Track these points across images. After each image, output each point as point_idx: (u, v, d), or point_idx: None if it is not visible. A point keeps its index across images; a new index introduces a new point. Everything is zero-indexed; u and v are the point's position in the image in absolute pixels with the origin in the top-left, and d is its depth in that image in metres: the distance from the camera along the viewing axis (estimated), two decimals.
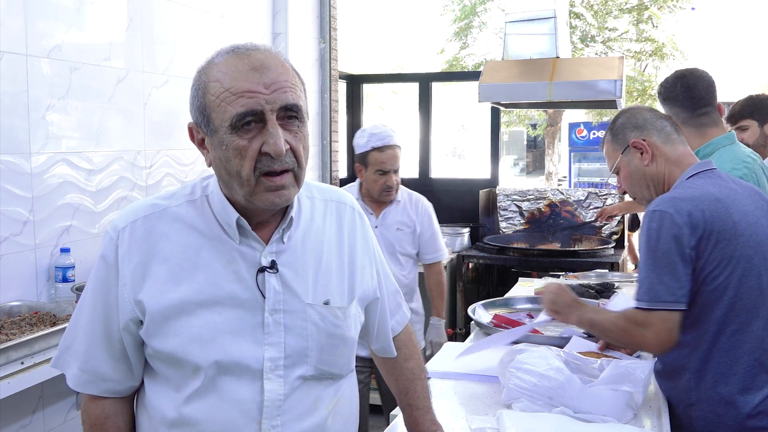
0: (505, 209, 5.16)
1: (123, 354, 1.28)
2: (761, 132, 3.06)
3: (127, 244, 1.25)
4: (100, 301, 1.27)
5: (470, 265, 4.72)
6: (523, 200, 5.14)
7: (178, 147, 3.37)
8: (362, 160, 3.11)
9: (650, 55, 11.86)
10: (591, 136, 13.89)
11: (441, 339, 3.31)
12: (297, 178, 1.22)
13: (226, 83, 1.17)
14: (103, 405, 1.30)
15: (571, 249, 4.62)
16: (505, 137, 20.06)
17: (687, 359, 1.80)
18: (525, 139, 22.49)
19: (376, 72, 13.92)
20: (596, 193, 5.06)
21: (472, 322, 2.67)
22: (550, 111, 12.54)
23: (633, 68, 12.20)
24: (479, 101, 4.29)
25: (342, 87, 5.49)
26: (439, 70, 12.24)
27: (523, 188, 5.26)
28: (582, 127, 14.04)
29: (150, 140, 3.20)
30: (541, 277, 3.54)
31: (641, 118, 1.99)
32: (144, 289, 1.23)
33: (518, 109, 11.60)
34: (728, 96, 3.49)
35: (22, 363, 2.09)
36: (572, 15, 11.15)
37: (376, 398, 4.36)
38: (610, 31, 12.08)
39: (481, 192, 5.07)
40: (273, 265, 1.26)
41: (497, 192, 5.19)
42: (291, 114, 1.19)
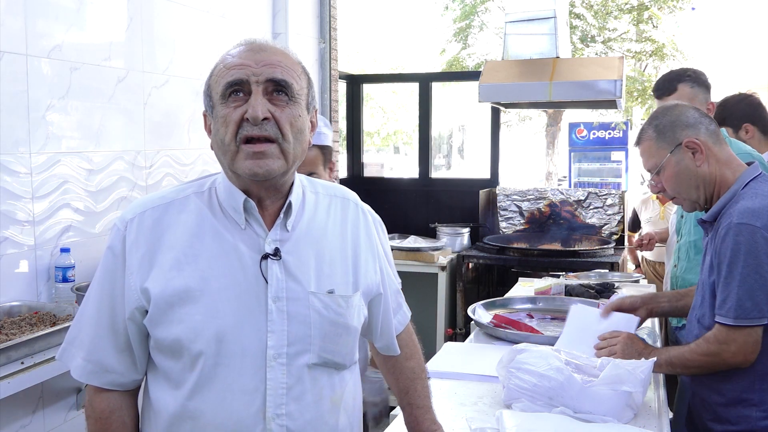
0: (505, 209, 5.16)
1: (127, 345, 1.29)
2: (736, 138, 3.03)
3: (134, 235, 1.27)
4: (106, 292, 1.28)
5: (470, 265, 4.72)
6: (523, 200, 5.14)
7: (178, 147, 3.37)
8: None
9: (650, 56, 11.85)
10: (591, 136, 13.88)
11: (377, 397, 2.39)
12: (284, 152, 1.24)
13: (226, 63, 1.25)
14: (108, 399, 1.31)
15: (571, 249, 4.62)
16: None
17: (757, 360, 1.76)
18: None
19: (376, 72, 13.92)
20: (596, 193, 5.06)
21: (472, 322, 2.67)
22: (550, 111, 12.54)
23: (633, 68, 12.19)
24: (479, 101, 4.30)
25: (342, 87, 5.49)
26: (439, 70, 12.23)
27: (523, 188, 5.26)
28: (582, 127, 14.02)
29: (150, 140, 3.20)
30: (541, 277, 3.54)
31: (691, 116, 1.91)
32: (150, 277, 1.25)
33: (518, 109, 11.60)
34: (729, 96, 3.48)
35: (22, 363, 2.09)
36: (572, 15, 11.15)
37: None
38: (610, 31, 12.08)
39: (481, 192, 5.07)
40: (276, 253, 1.27)
41: (497, 192, 5.19)
42: (279, 89, 1.23)
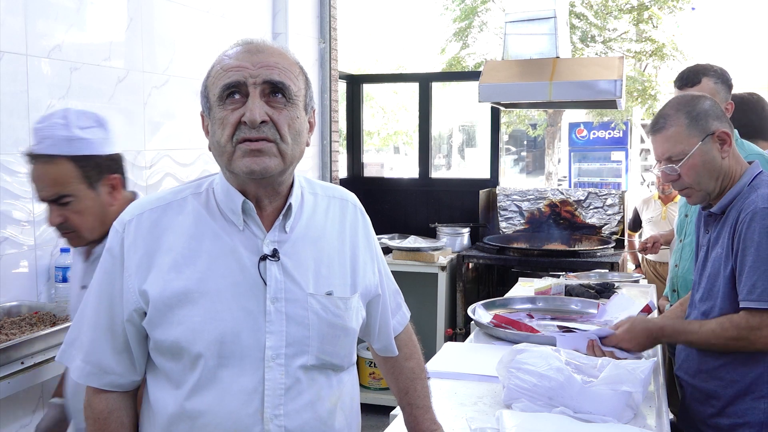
0: (505, 209, 5.16)
1: (126, 347, 1.29)
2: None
3: (132, 236, 1.27)
4: (105, 293, 1.28)
5: (470, 265, 4.72)
6: (523, 200, 5.14)
7: (178, 147, 3.37)
8: None
9: (650, 56, 11.85)
10: (591, 136, 13.89)
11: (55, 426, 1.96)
12: (281, 152, 1.23)
13: (223, 64, 1.24)
14: (106, 399, 1.31)
15: (571, 249, 4.61)
16: (505, 137, 20.11)
17: None
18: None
19: (376, 72, 13.92)
20: (596, 193, 5.06)
21: (472, 322, 2.67)
22: (550, 111, 12.54)
23: (633, 68, 12.19)
24: (479, 101, 4.29)
25: (342, 87, 5.49)
26: (439, 70, 12.23)
27: (523, 188, 5.26)
28: (582, 127, 14.04)
29: (150, 140, 3.20)
30: (541, 277, 3.54)
31: (719, 109, 1.93)
32: (148, 279, 1.25)
33: (518, 109, 11.61)
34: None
35: (22, 363, 2.09)
36: (572, 15, 11.14)
37: (378, 398, 4.37)
38: (610, 31, 12.08)
39: (481, 192, 5.07)
40: (275, 254, 1.27)
41: (497, 192, 5.19)
42: (277, 90, 1.23)
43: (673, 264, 2.85)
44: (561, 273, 3.57)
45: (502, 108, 5.09)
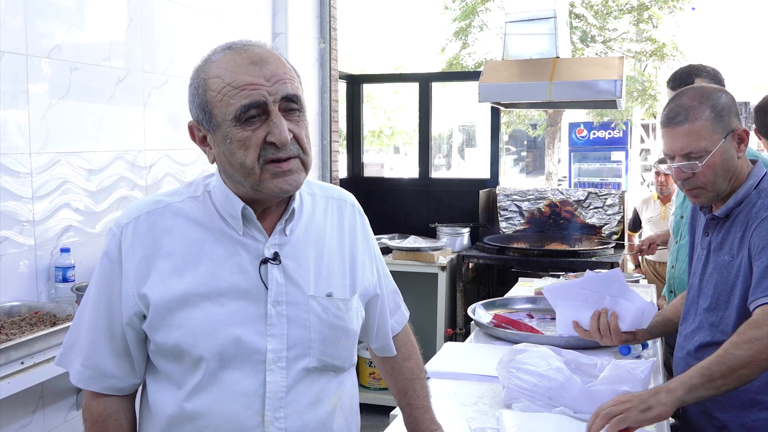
0: (505, 209, 5.16)
1: (125, 350, 1.29)
2: None
3: (130, 240, 1.26)
4: (103, 297, 1.28)
5: (470, 265, 4.72)
6: (523, 200, 5.14)
7: (178, 147, 3.37)
8: None
9: (650, 56, 11.85)
10: (591, 136, 13.89)
11: None
12: (304, 164, 1.24)
13: (227, 78, 1.19)
14: (105, 402, 1.31)
15: (571, 249, 4.62)
16: (505, 137, 20.11)
17: None
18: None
19: (376, 72, 13.92)
20: (596, 193, 5.06)
21: (472, 322, 2.67)
22: (550, 111, 12.54)
23: (633, 68, 12.19)
24: (479, 101, 4.29)
25: (342, 87, 5.49)
26: (439, 70, 12.23)
27: (523, 188, 5.26)
28: (582, 127, 14.03)
29: (150, 140, 3.20)
30: (541, 277, 3.54)
31: (737, 105, 1.82)
32: (148, 283, 1.24)
33: (518, 109, 11.60)
34: None
35: (22, 363, 2.09)
36: (572, 15, 11.14)
37: (378, 398, 4.37)
38: (610, 31, 12.07)
39: (481, 192, 5.08)
40: (276, 257, 1.27)
41: (497, 192, 5.19)
42: (292, 104, 1.22)
43: (669, 265, 2.85)
44: (561, 273, 3.57)
45: (502, 108, 5.09)
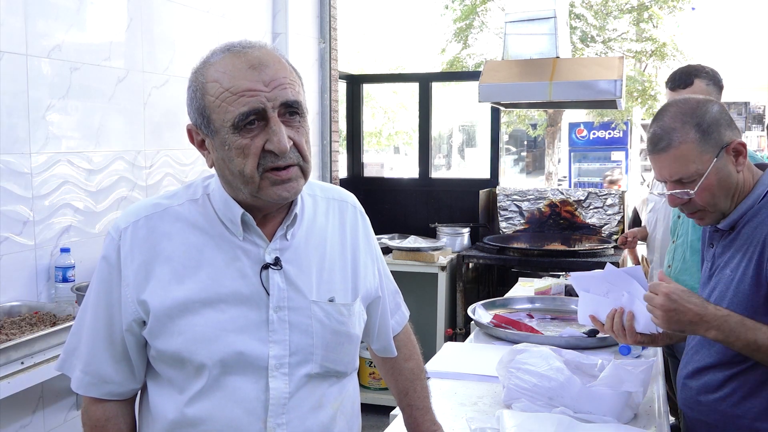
0: (505, 209, 5.16)
1: (125, 356, 1.27)
2: None
3: (129, 245, 1.24)
4: (102, 303, 1.26)
5: (470, 265, 4.72)
6: (523, 200, 5.13)
7: (178, 147, 3.37)
8: None
9: (650, 56, 11.84)
10: (591, 136, 13.89)
11: None
12: (303, 171, 1.22)
13: (225, 83, 1.17)
14: (104, 407, 1.30)
15: (571, 249, 4.61)
16: (505, 137, 20.11)
17: None
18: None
19: (376, 72, 13.92)
20: (596, 193, 5.06)
21: (472, 322, 2.67)
22: (550, 111, 12.53)
23: (633, 68, 12.18)
24: (479, 101, 4.29)
25: (342, 87, 5.49)
26: (439, 70, 12.23)
27: (523, 188, 5.26)
28: (582, 127, 14.03)
29: (150, 140, 3.20)
30: (541, 277, 3.54)
31: (727, 114, 1.65)
32: (147, 289, 1.23)
33: (518, 109, 11.60)
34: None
35: (22, 363, 2.09)
36: (572, 16, 11.14)
37: (378, 398, 4.37)
38: (610, 31, 12.07)
39: (481, 192, 5.07)
40: (277, 262, 1.25)
41: (497, 192, 5.19)
42: (292, 110, 1.19)
43: (666, 264, 2.85)
44: (561, 273, 3.57)
45: (502, 108, 5.09)
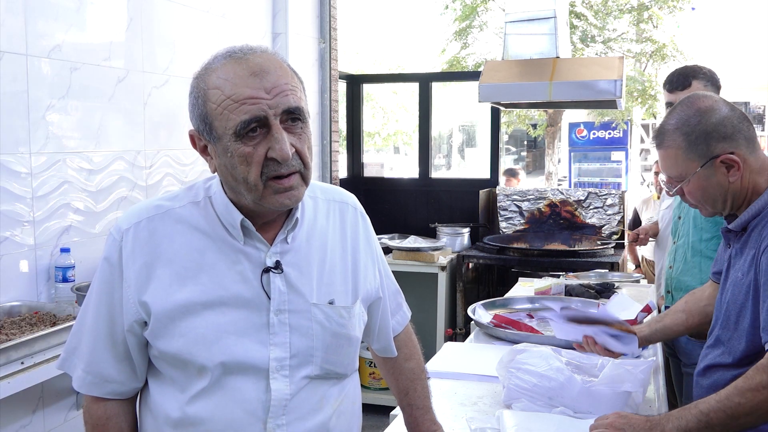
0: (505, 209, 5.16)
1: (127, 355, 1.28)
2: None
3: (131, 246, 1.25)
4: (104, 303, 1.27)
5: (470, 265, 4.72)
6: (523, 200, 5.14)
7: (178, 147, 3.37)
8: None
9: (650, 56, 11.84)
10: (591, 136, 13.88)
11: None
12: (304, 178, 1.22)
13: (226, 90, 1.16)
14: (105, 406, 1.30)
15: (571, 249, 4.61)
16: (505, 137, 20.11)
17: None
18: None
19: (376, 72, 13.92)
20: (596, 193, 5.06)
21: (472, 322, 2.67)
22: (550, 111, 12.53)
23: (633, 68, 12.18)
24: (479, 101, 4.29)
25: (342, 87, 5.49)
26: (439, 70, 12.23)
27: (523, 188, 5.25)
28: (582, 127, 14.03)
29: (150, 140, 3.20)
30: (541, 277, 3.54)
31: (729, 124, 1.66)
32: (149, 291, 1.23)
33: (518, 109, 11.60)
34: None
35: (22, 363, 2.09)
36: (573, 15, 11.13)
37: (379, 398, 4.37)
38: (610, 31, 12.07)
39: (481, 192, 5.07)
40: (278, 266, 1.26)
41: (497, 192, 5.19)
42: (294, 116, 1.19)
43: (667, 265, 2.85)
44: (561, 273, 3.57)
45: (502, 108, 5.09)
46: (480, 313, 2.69)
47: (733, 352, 1.65)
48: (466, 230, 4.96)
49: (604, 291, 3.08)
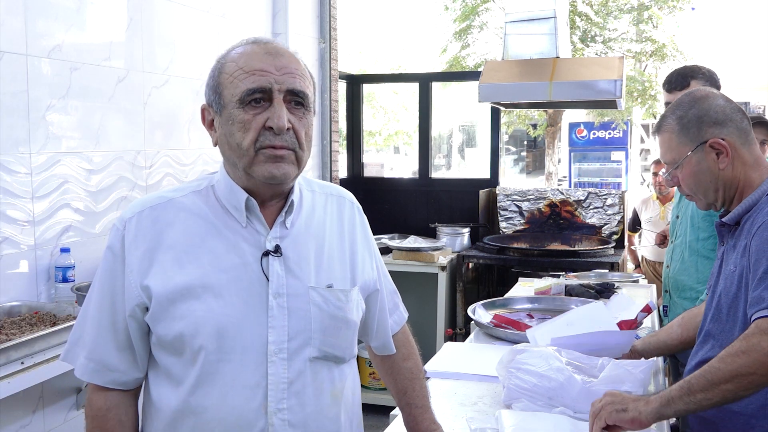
0: (505, 209, 5.16)
1: (128, 344, 1.30)
2: None
3: (133, 233, 1.28)
4: (107, 291, 1.29)
5: (470, 265, 4.72)
6: (523, 200, 5.14)
7: (178, 147, 3.38)
8: None
9: (650, 56, 11.84)
10: (591, 136, 13.89)
11: None
12: (298, 158, 1.27)
13: (240, 63, 1.25)
14: (105, 396, 1.32)
15: (571, 249, 4.61)
16: (505, 137, 20.12)
17: None
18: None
19: (376, 72, 13.92)
20: (596, 193, 5.06)
21: (472, 322, 2.67)
22: (550, 111, 12.53)
23: (633, 68, 12.18)
24: (479, 101, 4.29)
25: (342, 87, 5.49)
26: (439, 70, 12.23)
27: (523, 188, 5.26)
28: (582, 127, 14.04)
29: (150, 140, 3.20)
30: (541, 277, 3.53)
31: (721, 112, 1.70)
32: (150, 275, 1.26)
33: (518, 109, 11.60)
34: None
35: (22, 363, 2.09)
36: (573, 14, 11.13)
37: (378, 398, 4.37)
38: (610, 31, 12.06)
39: (481, 192, 5.07)
40: (277, 250, 1.29)
41: (497, 192, 5.19)
42: (297, 99, 1.26)
43: (665, 265, 2.85)
44: (561, 273, 3.57)
45: (502, 108, 5.09)
46: (480, 313, 2.69)
47: (724, 344, 1.61)
48: (466, 230, 4.96)
49: (604, 291, 3.08)
